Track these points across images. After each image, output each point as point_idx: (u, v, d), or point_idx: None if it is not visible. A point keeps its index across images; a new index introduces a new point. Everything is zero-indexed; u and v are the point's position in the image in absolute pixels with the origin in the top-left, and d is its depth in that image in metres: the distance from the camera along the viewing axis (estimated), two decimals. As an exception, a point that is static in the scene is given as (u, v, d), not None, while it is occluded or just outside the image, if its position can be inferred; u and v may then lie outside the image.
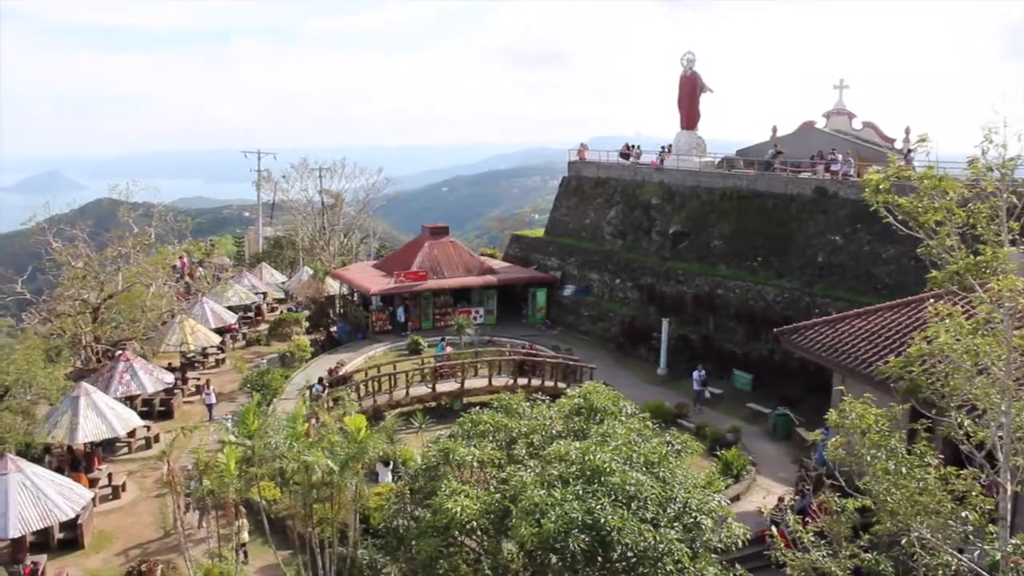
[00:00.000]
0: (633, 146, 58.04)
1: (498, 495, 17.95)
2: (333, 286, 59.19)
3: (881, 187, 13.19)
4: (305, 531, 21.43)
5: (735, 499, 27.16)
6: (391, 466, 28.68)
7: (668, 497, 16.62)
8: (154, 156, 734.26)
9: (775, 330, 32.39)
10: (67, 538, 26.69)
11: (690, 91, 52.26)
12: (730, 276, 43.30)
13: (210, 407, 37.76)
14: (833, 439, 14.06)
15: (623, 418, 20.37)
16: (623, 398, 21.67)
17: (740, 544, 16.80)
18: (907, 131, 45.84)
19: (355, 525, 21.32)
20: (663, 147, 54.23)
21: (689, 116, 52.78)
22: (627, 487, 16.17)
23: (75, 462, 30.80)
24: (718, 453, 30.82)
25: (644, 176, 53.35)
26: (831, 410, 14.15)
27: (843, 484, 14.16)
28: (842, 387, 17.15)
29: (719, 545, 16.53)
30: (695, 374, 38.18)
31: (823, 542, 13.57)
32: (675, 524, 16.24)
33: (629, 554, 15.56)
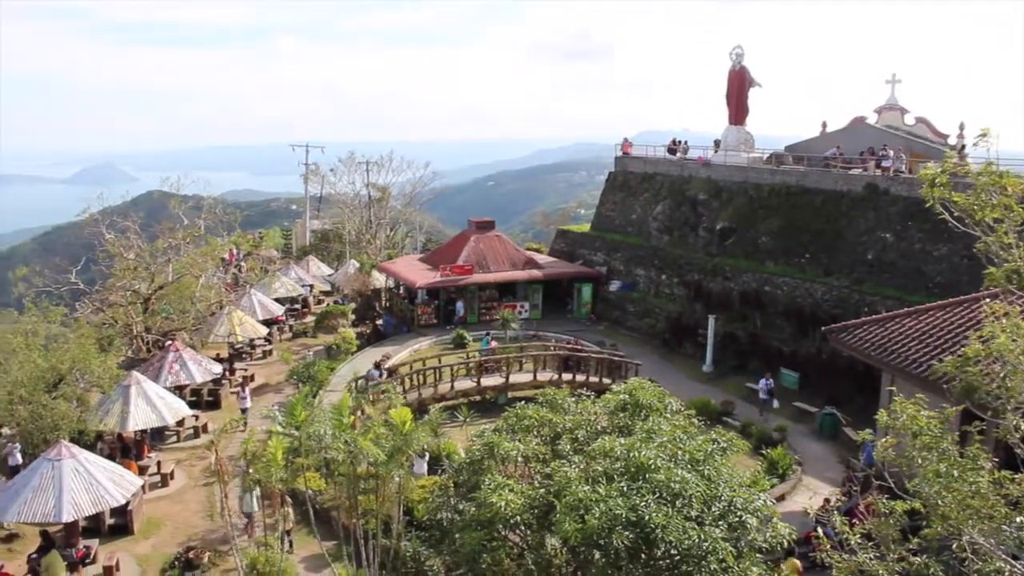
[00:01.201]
0: (680, 141, 57.59)
1: (542, 490, 17.93)
2: (379, 279, 59.52)
3: (937, 181, 12.95)
4: (350, 522, 21.58)
5: (780, 499, 26.89)
6: (426, 457, 28.76)
7: (713, 495, 16.49)
8: (204, 150, 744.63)
9: (823, 328, 32.03)
10: (117, 524, 27.16)
11: (738, 86, 51.75)
12: (778, 273, 42.82)
13: (244, 411, 36.62)
14: (882, 440, 13.82)
15: (668, 415, 20.25)
16: (669, 394, 21.56)
17: (785, 544, 16.63)
18: (961, 127, 44.91)
19: (399, 517, 21.43)
20: (716, 141, 53.65)
21: (737, 111, 52.28)
22: (672, 484, 16.08)
23: (125, 449, 31.26)
24: (764, 452, 30.53)
25: (691, 171, 52.95)
26: (880, 410, 13.92)
27: (892, 486, 13.94)
28: (892, 387, 16.92)
29: (764, 545, 16.38)
30: (762, 382, 36.93)
31: (870, 544, 13.36)
32: (720, 523, 16.11)
33: (673, 552, 15.47)
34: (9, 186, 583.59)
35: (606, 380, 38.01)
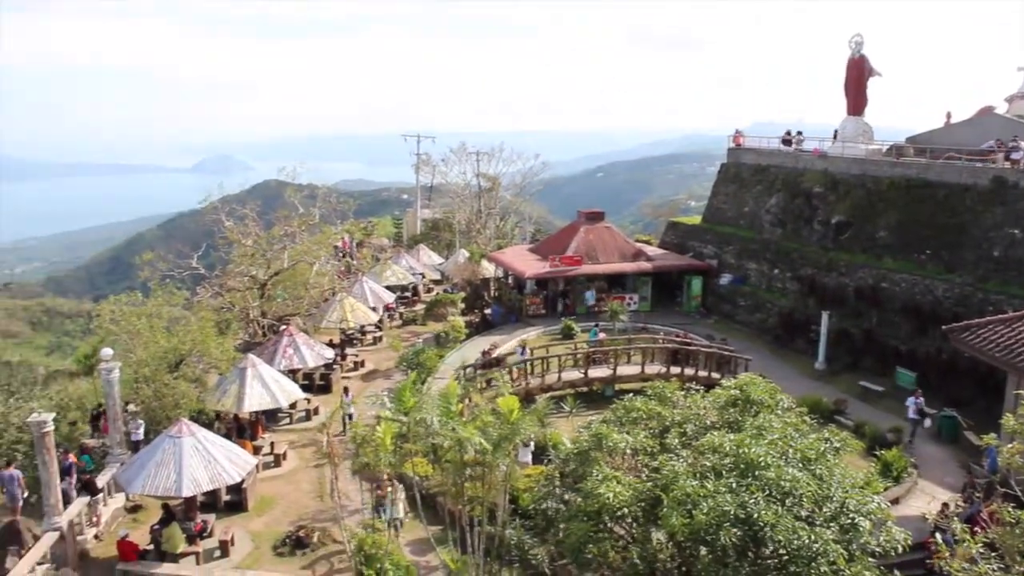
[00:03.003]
0: (796, 133, 56.27)
1: (649, 483, 17.85)
2: (488, 269, 60.00)
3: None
4: (456, 508, 21.82)
5: (894, 502, 26.09)
6: (531, 446, 28.88)
7: (825, 495, 16.14)
8: (318, 139, 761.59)
9: (944, 327, 30.99)
10: (232, 500, 28.07)
11: (857, 75, 50.15)
12: (896, 269, 41.47)
13: (350, 417, 33.79)
14: (1009, 445, 13.31)
15: (780, 411, 19.92)
16: (780, 391, 21.16)
17: (900, 550, 16.16)
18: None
19: (504, 505, 21.57)
20: (834, 132, 52.20)
21: (856, 101, 50.71)
22: (782, 482, 15.81)
23: (241, 430, 32.27)
24: (877, 453, 29.68)
25: (806, 163, 51.66)
26: (1006, 414, 13.43)
27: (1019, 494, 13.41)
28: (1020, 391, 16.23)
29: (877, 549, 15.95)
30: (911, 400, 33.69)
31: (993, 555, 12.87)
32: (831, 524, 15.77)
33: (781, 552, 15.22)
34: (135, 175, 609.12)
35: (715, 375, 37.53)
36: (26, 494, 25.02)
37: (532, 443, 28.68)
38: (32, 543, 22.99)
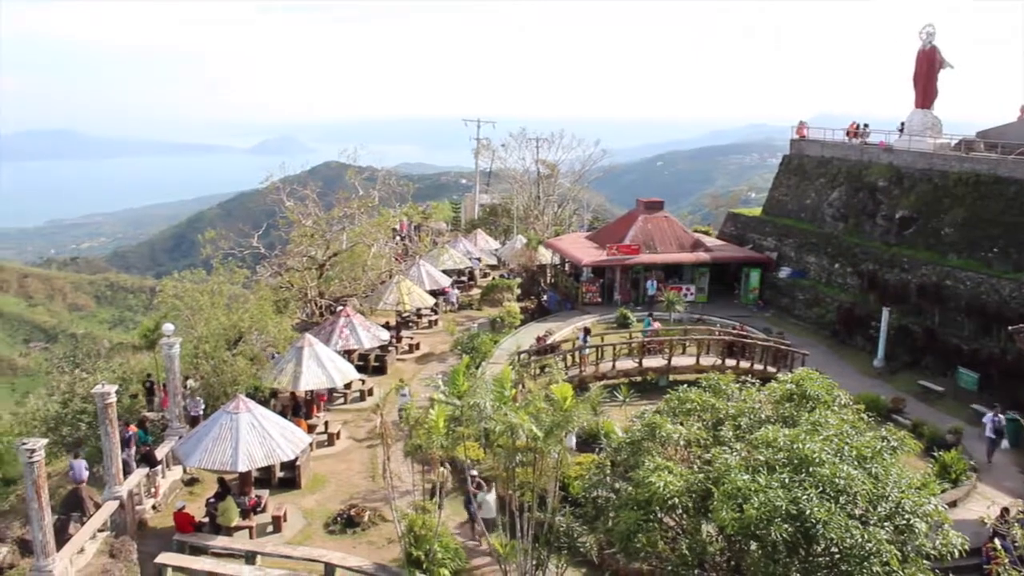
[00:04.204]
0: (862, 125, 55.24)
1: (701, 475, 17.74)
2: (545, 255, 59.96)
3: None
4: (505, 493, 21.89)
5: (952, 505, 25.65)
6: (575, 430, 28.83)
7: (880, 495, 15.91)
8: (379, 122, 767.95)
9: (1010, 328, 30.26)
10: (286, 477, 28.53)
11: (927, 67, 49.01)
12: (961, 266, 40.57)
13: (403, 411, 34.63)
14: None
15: (836, 408, 19.65)
16: (838, 387, 20.87)
17: (956, 554, 15.87)
18: None
19: (555, 492, 21.58)
20: (901, 124, 51.11)
21: (925, 94, 49.57)
22: (836, 480, 15.60)
23: (296, 408, 32.71)
24: (935, 454, 29.14)
25: (871, 157, 50.72)
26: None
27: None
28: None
29: (933, 552, 15.68)
30: (988, 418, 31.67)
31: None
32: (885, 524, 15.54)
33: (833, 550, 15.06)
34: (199, 155, 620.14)
35: (771, 368, 37.20)
36: (86, 475, 25.60)
37: (576, 428, 28.64)
38: (93, 511, 23.59)
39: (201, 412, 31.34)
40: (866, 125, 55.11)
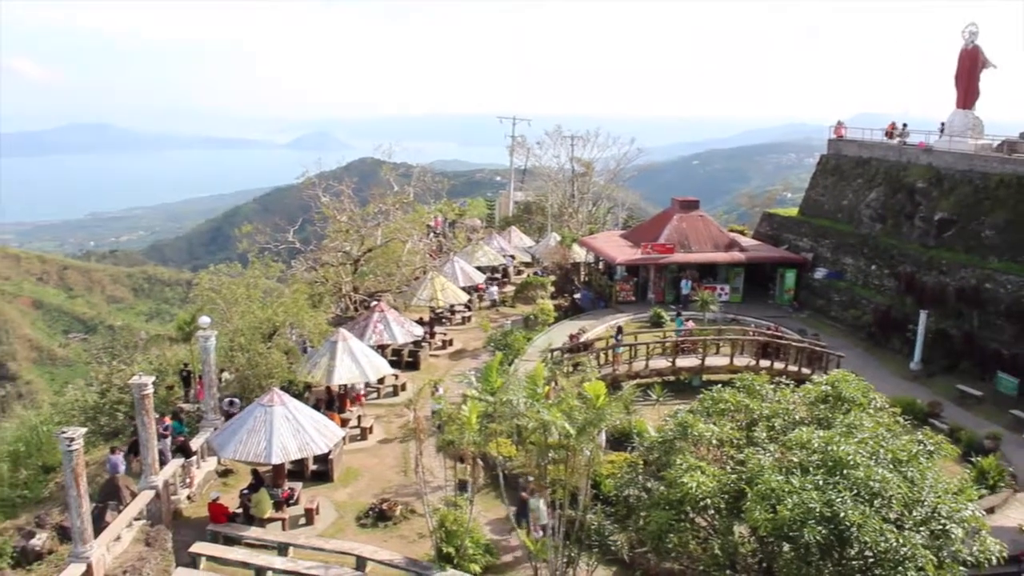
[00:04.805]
0: (902, 125, 54.54)
1: (734, 476, 17.70)
2: (579, 253, 59.87)
3: None
4: (537, 490, 21.91)
5: (989, 511, 25.29)
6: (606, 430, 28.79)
7: (915, 499, 15.79)
8: (414, 119, 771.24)
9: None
10: (319, 470, 28.72)
11: (970, 66, 48.29)
12: (1002, 269, 39.97)
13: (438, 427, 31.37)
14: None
15: (872, 411, 19.52)
16: (873, 389, 20.71)
17: (994, 561, 15.69)
18: None
19: (586, 490, 21.58)
20: (943, 124, 50.38)
21: (967, 94, 48.85)
22: (871, 483, 15.51)
23: (330, 402, 32.89)
24: (973, 460, 28.80)
25: (910, 157, 50.09)
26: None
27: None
28: None
29: (969, 558, 15.53)
30: None
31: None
32: (921, 528, 15.43)
33: (867, 553, 14.97)
34: (236, 150, 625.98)
35: (805, 370, 36.89)
36: (123, 467, 25.90)
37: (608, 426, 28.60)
38: (130, 499, 23.89)
39: (236, 412, 31.64)
40: (905, 125, 54.45)
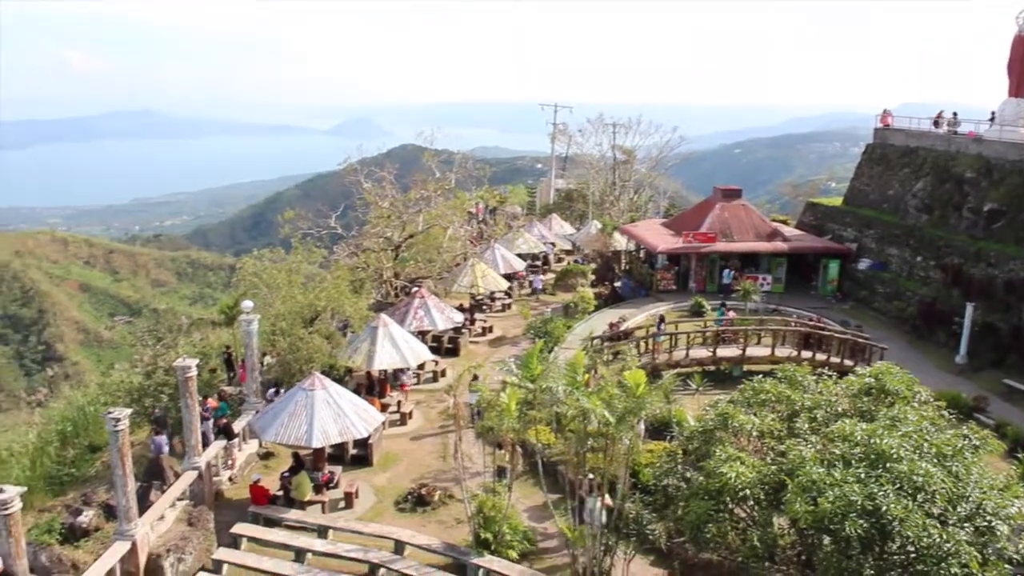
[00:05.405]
0: (952, 114, 53.56)
1: (774, 467, 17.56)
2: (620, 241, 59.68)
3: None
4: (576, 478, 21.91)
5: (1035, 507, 24.89)
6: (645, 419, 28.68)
7: (960, 495, 15.55)
8: (455, 106, 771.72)
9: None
10: (359, 454, 28.99)
11: (1023, 53, 47.31)
12: (1053, 262, 39.25)
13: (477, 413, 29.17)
14: None
15: (916, 404, 19.25)
16: (918, 382, 20.43)
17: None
18: None
19: (625, 479, 21.53)
20: (994, 113, 49.37)
21: (1020, 81, 47.67)
22: (914, 477, 15.30)
23: (371, 387, 33.10)
24: (1019, 456, 28.32)
25: (959, 147, 49.21)
26: None
27: None
28: None
29: (1015, 556, 15.28)
30: None
31: None
32: (965, 524, 15.20)
33: (909, 548, 14.79)
34: (278, 136, 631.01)
35: (848, 362, 36.45)
36: (167, 448, 26.24)
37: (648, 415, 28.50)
38: (173, 480, 24.24)
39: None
40: (955, 114, 53.48)
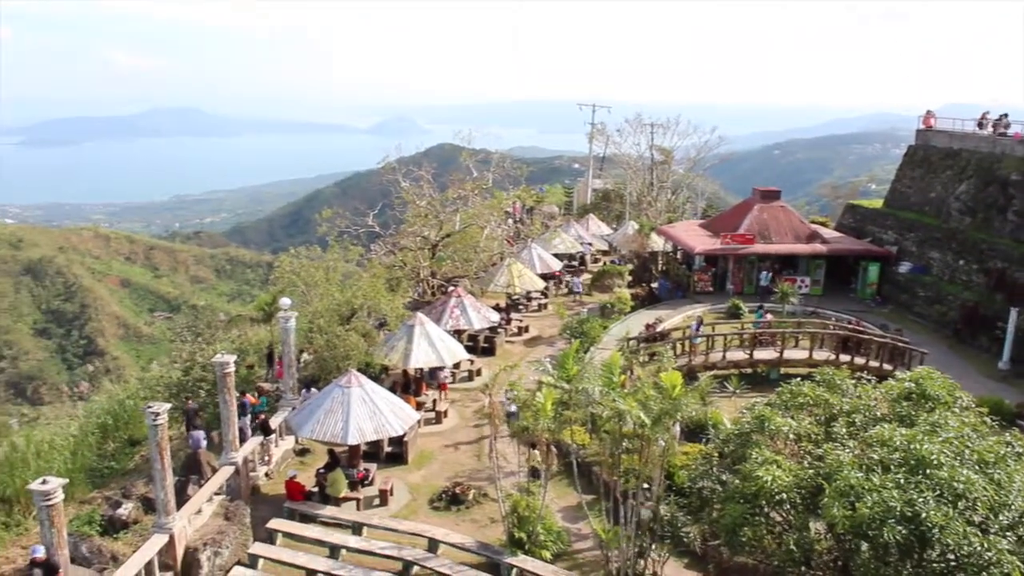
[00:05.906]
0: (1001, 116, 52.57)
1: (811, 471, 17.41)
2: (657, 242, 59.42)
3: None
4: (610, 479, 21.84)
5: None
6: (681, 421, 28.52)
7: (1002, 503, 15.32)
8: (493, 105, 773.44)
9: None
10: (393, 452, 29.07)
11: (1072, 56, 46.40)
12: (1099, 267, 38.56)
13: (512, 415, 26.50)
14: None
15: (957, 409, 18.99)
16: (959, 388, 20.15)
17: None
18: None
19: (660, 480, 21.45)
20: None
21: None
22: (955, 484, 15.11)
23: (407, 385, 33.20)
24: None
25: (1005, 148, 48.41)
26: None
27: None
28: None
29: (1059, 567, 15.03)
30: None
31: None
32: (1007, 533, 14.98)
33: (949, 556, 14.59)
34: (317, 134, 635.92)
35: (887, 366, 36.05)
36: (204, 443, 26.49)
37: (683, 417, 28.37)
38: (210, 474, 24.47)
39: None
40: (1005, 115, 52.42)
